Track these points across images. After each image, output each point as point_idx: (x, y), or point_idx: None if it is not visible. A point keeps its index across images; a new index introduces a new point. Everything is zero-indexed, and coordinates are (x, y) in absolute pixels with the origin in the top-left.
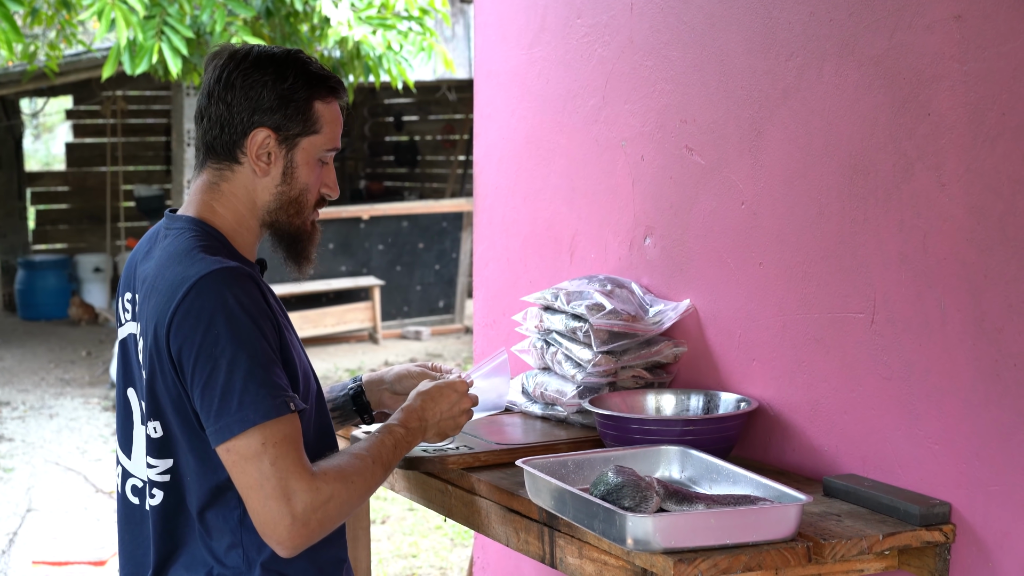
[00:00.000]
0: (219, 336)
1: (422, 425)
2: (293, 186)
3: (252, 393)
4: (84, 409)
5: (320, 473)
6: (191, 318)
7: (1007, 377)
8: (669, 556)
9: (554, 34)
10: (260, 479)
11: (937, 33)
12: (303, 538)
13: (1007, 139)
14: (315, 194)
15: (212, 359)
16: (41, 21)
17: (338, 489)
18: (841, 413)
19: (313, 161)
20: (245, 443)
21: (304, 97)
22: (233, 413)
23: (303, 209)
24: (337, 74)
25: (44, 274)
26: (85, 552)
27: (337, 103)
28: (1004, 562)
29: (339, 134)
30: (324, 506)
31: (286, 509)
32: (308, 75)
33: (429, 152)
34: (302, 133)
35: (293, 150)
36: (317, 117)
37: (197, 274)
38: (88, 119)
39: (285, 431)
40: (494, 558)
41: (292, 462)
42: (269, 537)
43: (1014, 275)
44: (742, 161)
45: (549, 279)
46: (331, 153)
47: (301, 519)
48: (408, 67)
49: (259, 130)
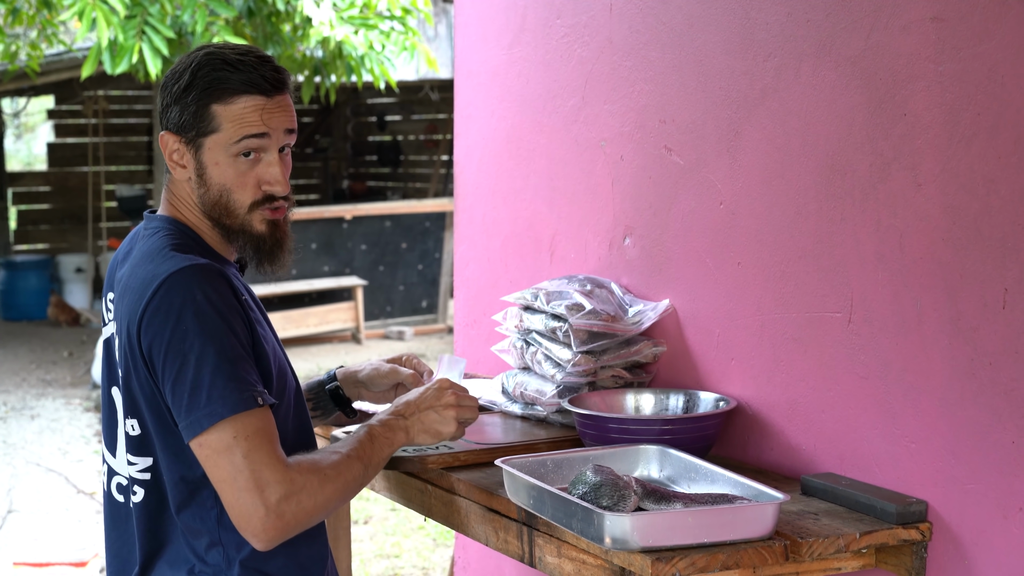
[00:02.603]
0: (187, 331)
1: (403, 421)
2: (210, 187)
3: (220, 387)
4: (66, 410)
5: (294, 465)
6: (160, 315)
7: (982, 376)
8: (647, 555)
9: (534, 34)
10: (233, 472)
11: (913, 34)
12: (278, 530)
13: (982, 139)
14: (244, 193)
15: (181, 354)
16: (22, 21)
17: (312, 481)
18: (819, 412)
19: (225, 160)
20: (216, 437)
21: (197, 99)
22: (202, 407)
23: (232, 210)
24: (319, 74)
25: (25, 274)
26: (66, 553)
27: (247, 99)
28: (980, 559)
29: (254, 123)
30: (297, 497)
31: (259, 501)
32: (208, 79)
33: (412, 152)
34: (200, 134)
35: (199, 151)
36: (213, 117)
37: (166, 272)
38: (70, 119)
39: (257, 424)
40: (475, 558)
41: (265, 454)
42: (244, 530)
43: (989, 274)
44: (720, 161)
45: (529, 279)
46: (251, 142)
47: (275, 511)
48: (391, 67)
49: (164, 134)
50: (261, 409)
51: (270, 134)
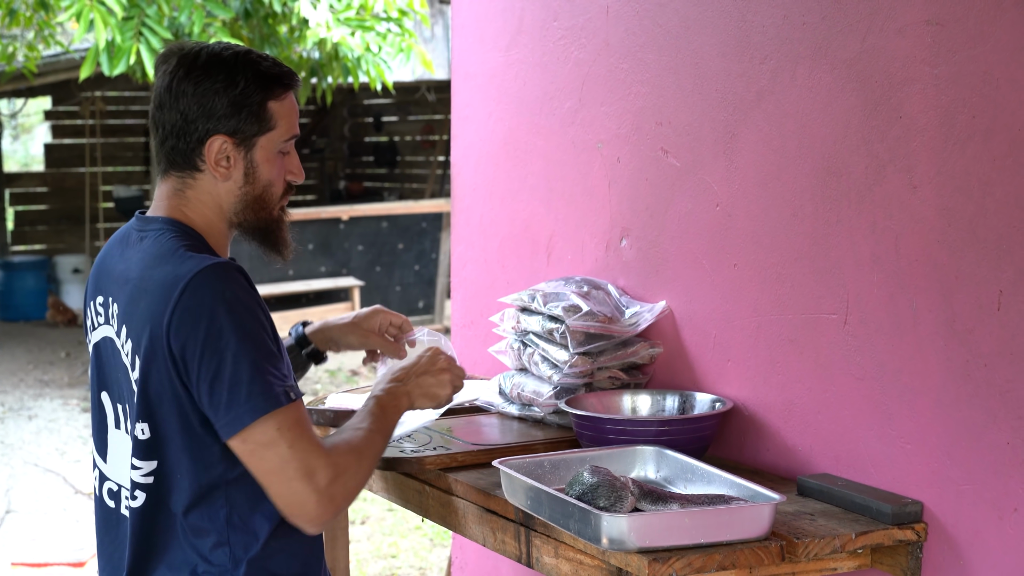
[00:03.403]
0: (222, 330)
1: (403, 387)
2: (256, 185)
3: (260, 383)
4: (63, 410)
5: (333, 448)
6: (191, 315)
7: (977, 377)
8: (644, 555)
9: (531, 36)
10: (280, 463)
11: (909, 37)
12: (330, 512)
13: (977, 142)
14: (280, 185)
15: (217, 352)
16: (19, 22)
17: (351, 461)
18: (815, 413)
19: (273, 156)
20: (260, 431)
21: (258, 100)
22: (243, 404)
23: (269, 204)
24: (316, 75)
25: (23, 275)
26: (64, 553)
27: (291, 94)
28: (975, 560)
29: (296, 122)
30: (343, 479)
31: (311, 487)
32: (259, 76)
33: (409, 152)
34: (259, 133)
35: (252, 150)
36: (271, 115)
37: (190, 271)
38: (67, 120)
39: (295, 415)
40: (472, 558)
41: (307, 442)
42: (298, 517)
43: (984, 276)
44: (717, 163)
45: (526, 280)
46: (291, 142)
47: (327, 494)
48: (387, 68)
49: (215, 138)
50: (297, 401)
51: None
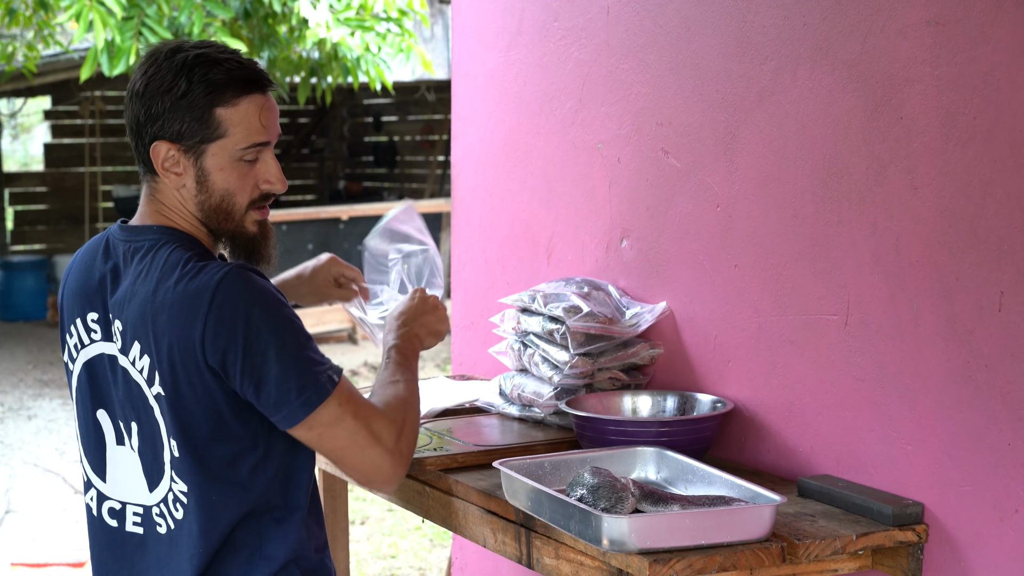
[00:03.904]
0: (260, 331)
1: (409, 330)
2: (212, 193)
3: (309, 374)
4: (63, 410)
5: (387, 407)
6: (226, 323)
7: (978, 378)
8: (644, 556)
9: (531, 37)
10: (350, 436)
11: (910, 38)
12: (403, 467)
13: (978, 142)
14: (244, 195)
15: (260, 354)
16: (19, 22)
17: (407, 413)
18: (815, 414)
19: (230, 164)
20: (325, 413)
21: (202, 105)
22: (295, 399)
23: (232, 213)
24: (315, 75)
25: (22, 275)
26: (63, 553)
27: (249, 100)
28: (976, 561)
29: (257, 127)
30: (403, 432)
31: (382, 449)
32: (207, 80)
33: (408, 152)
34: (206, 140)
35: (201, 157)
36: (219, 122)
37: (212, 281)
38: (66, 120)
39: (347, 387)
40: (473, 559)
41: (367, 409)
42: (375, 481)
43: (985, 277)
44: (717, 164)
45: (526, 281)
46: (255, 149)
47: (396, 451)
48: (386, 68)
49: (159, 143)
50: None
51: (270, 141)
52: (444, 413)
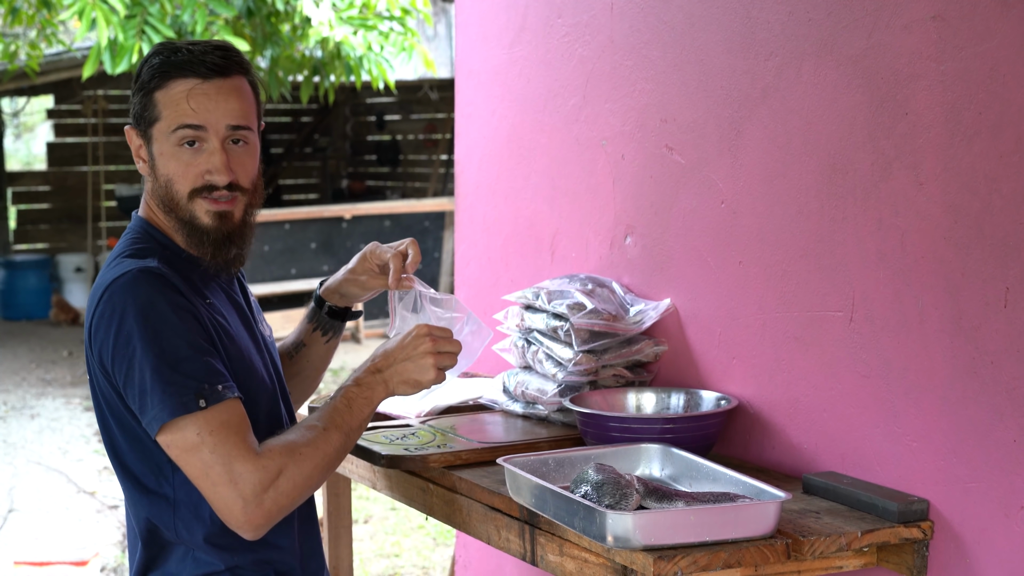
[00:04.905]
0: (130, 336)
1: (380, 375)
2: (158, 179)
3: (159, 392)
4: (66, 409)
5: (265, 451)
6: (104, 321)
7: (984, 374)
8: (649, 553)
9: (535, 34)
10: (204, 468)
11: (915, 33)
12: (261, 518)
13: (983, 138)
14: (184, 183)
15: (126, 359)
16: (21, 20)
17: (286, 463)
18: (820, 411)
19: (168, 150)
20: (180, 436)
21: (146, 90)
22: (149, 411)
23: (176, 202)
24: (318, 74)
25: (25, 274)
26: (67, 552)
27: (181, 83)
28: (981, 558)
29: (185, 111)
30: (275, 483)
31: (235, 493)
32: (151, 67)
33: (411, 151)
34: (148, 124)
35: (151, 143)
36: (155, 104)
37: (111, 278)
38: (69, 118)
39: (221, 418)
40: (476, 557)
41: (233, 446)
42: (229, 522)
43: (991, 273)
44: (722, 160)
45: (530, 278)
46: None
47: (254, 501)
48: (389, 67)
49: (127, 129)
50: (226, 402)
51: (206, 127)
52: (448, 410)
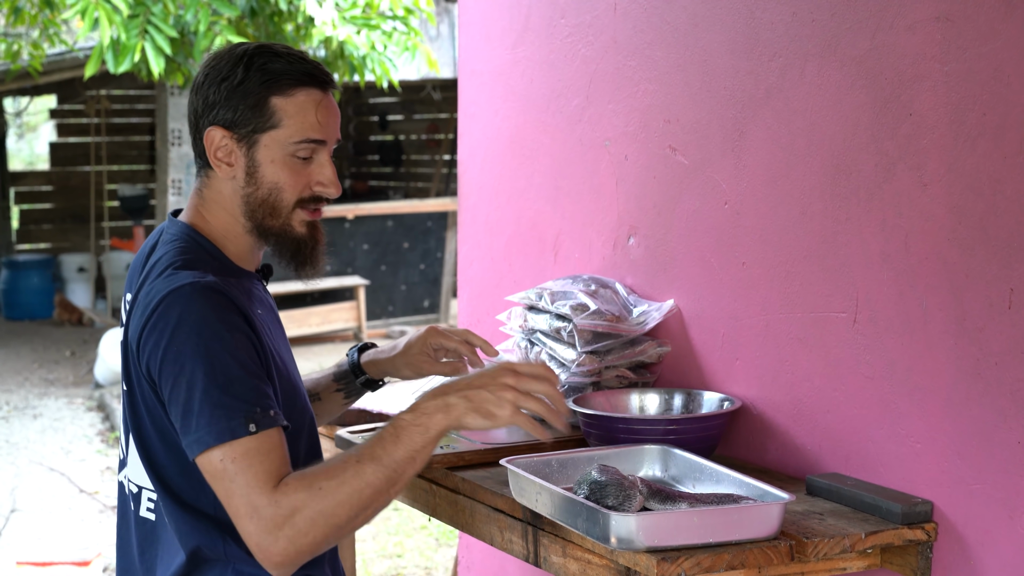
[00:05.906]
0: (180, 352)
1: (442, 400)
2: (260, 186)
3: (207, 414)
4: (68, 409)
5: (283, 485)
6: (156, 333)
7: (988, 376)
8: (652, 555)
9: (538, 34)
10: (227, 497)
11: (919, 34)
12: (278, 556)
13: (987, 139)
14: (293, 193)
15: (173, 375)
16: (24, 20)
17: (303, 499)
18: (824, 412)
19: (281, 158)
20: (207, 461)
21: (256, 92)
22: (192, 432)
23: (278, 210)
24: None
25: (28, 274)
26: (69, 552)
27: (306, 93)
28: (985, 560)
29: (314, 124)
30: (290, 520)
31: (252, 527)
32: (265, 70)
33: (414, 151)
34: (258, 130)
35: (253, 148)
36: (274, 111)
37: (166, 289)
38: (72, 118)
39: (247, 446)
40: (479, 557)
41: (252, 477)
42: (254, 555)
43: (995, 274)
44: (725, 161)
45: (533, 279)
46: (309, 146)
47: (271, 535)
48: (392, 67)
49: (212, 129)
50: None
51: (327, 141)
52: None
